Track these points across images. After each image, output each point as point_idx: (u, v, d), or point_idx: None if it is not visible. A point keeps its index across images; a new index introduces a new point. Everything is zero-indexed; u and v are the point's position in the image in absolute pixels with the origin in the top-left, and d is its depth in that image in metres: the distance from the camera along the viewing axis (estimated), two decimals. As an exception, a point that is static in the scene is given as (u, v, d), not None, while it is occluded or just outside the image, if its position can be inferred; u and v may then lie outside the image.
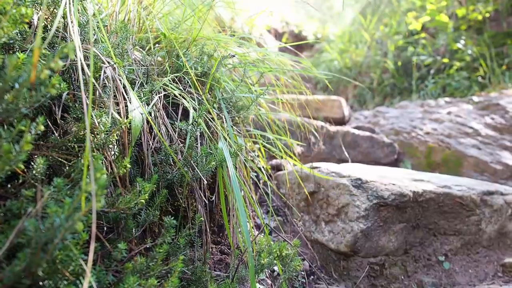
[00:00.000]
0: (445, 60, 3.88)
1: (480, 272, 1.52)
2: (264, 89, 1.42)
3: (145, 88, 1.00)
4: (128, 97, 0.89)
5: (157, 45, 1.28)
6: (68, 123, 0.81)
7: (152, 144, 1.01)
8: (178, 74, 1.18)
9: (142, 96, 1.00)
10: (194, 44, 1.32)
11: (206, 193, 1.12)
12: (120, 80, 0.90)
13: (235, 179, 0.92)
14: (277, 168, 1.94)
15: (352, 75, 5.04)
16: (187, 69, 1.20)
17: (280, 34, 9.73)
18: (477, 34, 4.12)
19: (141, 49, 1.24)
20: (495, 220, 1.60)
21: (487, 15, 4.01)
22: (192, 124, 0.94)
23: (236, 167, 1.15)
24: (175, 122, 1.15)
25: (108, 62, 0.85)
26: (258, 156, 1.83)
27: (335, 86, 5.22)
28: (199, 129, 1.00)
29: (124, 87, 0.87)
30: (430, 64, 4.06)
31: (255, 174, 1.78)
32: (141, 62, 1.13)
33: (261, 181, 1.79)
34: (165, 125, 1.06)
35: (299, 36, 9.87)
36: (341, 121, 4.10)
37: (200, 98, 1.20)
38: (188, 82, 1.16)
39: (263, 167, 1.84)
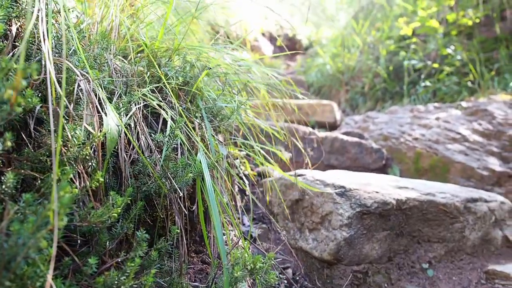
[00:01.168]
0: (436, 65, 3.90)
1: (464, 279, 1.53)
2: (246, 99, 1.43)
3: (124, 99, 1.00)
4: (104, 109, 0.89)
5: (139, 54, 1.28)
6: (42, 136, 0.81)
7: (131, 154, 1.01)
8: (159, 84, 1.18)
9: (121, 106, 1.00)
10: (177, 53, 1.32)
11: (186, 203, 1.12)
12: (96, 92, 0.90)
13: (212, 191, 0.92)
14: (264, 174, 1.94)
15: (345, 79, 5.05)
16: (168, 79, 1.21)
17: (274, 37, 9.76)
18: (467, 39, 4.14)
19: (123, 59, 1.24)
20: (478, 227, 1.61)
21: (477, 20, 4.04)
22: (169, 135, 0.94)
23: (217, 177, 1.15)
24: (156, 132, 1.15)
25: (83, 75, 0.85)
26: (244, 163, 1.83)
27: (328, 90, 5.24)
28: (178, 140, 1.01)
29: (100, 100, 0.87)
30: (421, 69, 4.09)
31: (242, 180, 1.78)
32: (122, 72, 1.13)
33: (247, 188, 1.80)
34: (144, 136, 1.06)
35: (293, 39, 9.90)
36: (333, 125, 4.11)
37: (181, 108, 1.20)
38: (169, 91, 1.16)
39: (248, 174, 1.84)
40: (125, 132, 0.94)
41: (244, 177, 1.83)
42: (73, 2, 1.38)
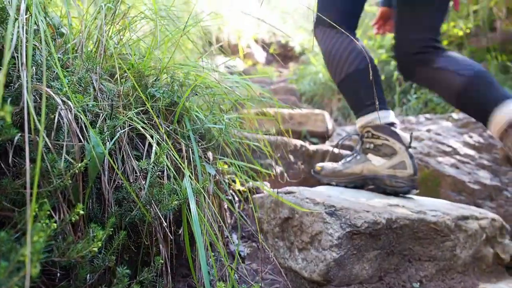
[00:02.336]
0: (427, 76, 3.92)
1: (455, 298, 1.52)
2: (235, 117, 1.41)
3: (109, 122, 0.98)
4: (87, 137, 0.87)
5: (127, 73, 1.26)
6: (21, 166, 0.79)
7: (115, 179, 0.98)
8: (145, 106, 1.16)
9: (106, 130, 0.98)
10: (165, 72, 1.30)
11: (172, 228, 1.10)
12: (78, 118, 0.88)
13: (196, 219, 0.90)
14: (254, 190, 1.92)
15: (337, 87, 5.06)
16: (155, 100, 1.19)
17: (267, 44, 9.77)
18: (458, 49, 4.16)
19: (110, 78, 1.22)
20: (469, 245, 1.60)
21: (468, 31, 4.07)
22: (153, 163, 0.92)
23: (203, 200, 1.13)
24: (142, 153, 1.13)
25: (65, 102, 0.82)
26: (233, 179, 1.81)
27: (320, 99, 5.24)
28: (164, 165, 0.98)
29: (82, 128, 0.85)
30: (412, 79, 4.10)
31: (231, 197, 1.76)
32: (107, 93, 1.11)
33: (236, 205, 1.77)
34: (129, 160, 1.03)
35: (286, 46, 9.93)
36: (325, 135, 4.10)
37: (168, 129, 1.18)
38: (154, 117, 1.14)
39: (238, 190, 1.82)
40: (110, 154, 0.91)
41: (234, 193, 1.81)
42: (57, 19, 1.36)
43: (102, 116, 1.03)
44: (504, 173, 2.27)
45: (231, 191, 1.78)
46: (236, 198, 1.78)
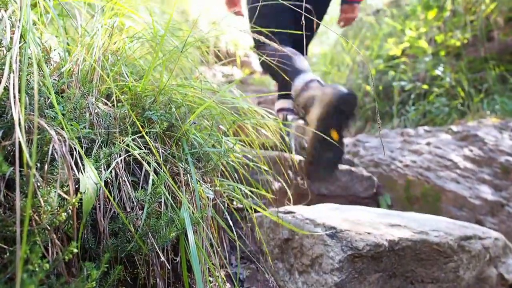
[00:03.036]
0: (425, 86, 3.91)
1: (459, 320, 1.49)
2: (234, 141, 1.39)
3: (105, 150, 0.96)
4: (81, 169, 0.84)
5: (124, 95, 1.24)
6: (13, 202, 0.76)
7: (111, 208, 0.95)
8: (142, 132, 1.14)
9: (102, 158, 0.95)
10: (162, 93, 1.27)
11: (170, 255, 1.07)
12: (73, 149, 0.85)
13: (194, 250, 0.87)
14: (255, 208, 1.89)
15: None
16: (152, 123, 1.16)
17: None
18: (456, 59, 4.17)
19: (106, 101, 1.19)
20: (473, 266, 1.57)
21: (465, 41, 4.07)
22: (151, 194, 0.90)
23: (201, 230, 1.10)
24: (139, 179, 1.10)
25: (58, 133, 0.80)
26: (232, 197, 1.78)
27: (318, 109, 5.22)
28: (161, 195, 0.96)
29: (76, 161, 0.82)
30: (411, 90, 4.09)
31: (229, 216, 1.73)
32: (104, 118, 1.08)
33: (235, 224, 1.74)
34: (126, 187, 1.01)
35: (283, 55, 9.91)
36: (323, 146, 4.07)
37: (166, 153, 1.15)
38: (150, 143, 1.11)
39: (237, 209, 1.79)
40: (106, 183, 0.89)
41: (232, 211, 1.78)
42: (55, 40, 1.34)
43: (98, 142, 1.01)
44: (505, 187, 2.25)
45: (230, 209, 1.75)
46: (235, 217, 1.75)
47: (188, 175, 1.14)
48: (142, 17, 1.52)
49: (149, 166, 1.02)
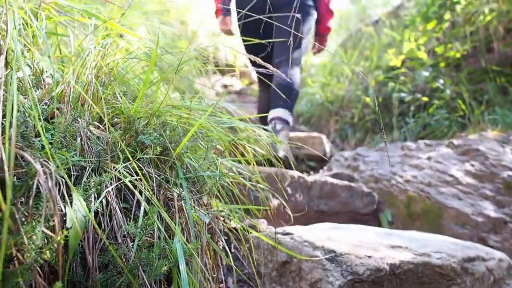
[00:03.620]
0: (425, 99, 3.89)
1: None
2: (232, 160, 1.36)
3: (95, 178, 0.92)
4: (67, 203, 0.81)
5: (116, 118, 1.21)
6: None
7: (101, 239, 0.92)
8: (136, 154, 1.11)
9: (92, 186, 0.92)
10: (157, 115, 1.24)
11: (163, 286, 1.03)
12: (60, 181, 0.82)
13: (186, 283, 0.84)
14: (253, 228, 1.85)
15: (334, 109, 5.02)
16: (145, 148, 1.13)
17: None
18: (456, 71, 4.15)
19: (99, 124, 1.16)
20: (476, 288, 1.53)
21: (465, 53, 4.05)
22: (141, 227, 0.86)
23: (195, 263, 1.07)
24: (131, 206, 1.07)
25: (44, 165, 0.77)
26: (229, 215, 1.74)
27: (317, 120, 5.20)
28: (154, 226, 0.92)
29: (63, 197, 0.79)
30: (410, 101, 4.07)
31: (226, 237, 1.70)
32: (95, 144, 1.05)
33: (232, 245, 1.71)
34: (116, 217, 0.97)
35: (282, 65, 9.92)
36: (323, 158, 4.05)
37: (159, 178, 1.12)
38: (139, 174, 1.08)
39: (234, 228, 1.75)
40: (96, 213, 0.85)
41: (229, 232, 1.74)
42: (47, 61, 1.31)
43: (88, 170, 0.98)
44: (508, 203, 2.21)
45: (226, 229, 1.71)
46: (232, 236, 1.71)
47: (183, 201, 1.11)
48: (136, 35, 1.50)
49: (142, 194, 0.99)
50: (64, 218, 0.80)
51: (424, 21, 4.05)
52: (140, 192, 0.99)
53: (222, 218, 1.55)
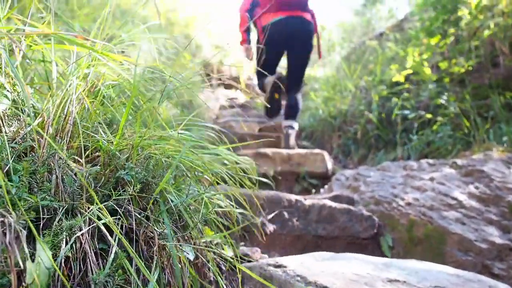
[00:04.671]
0: (429, 115, 3.82)
1: None
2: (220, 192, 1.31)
3: (65, 222, 0.87)
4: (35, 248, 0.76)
5: (97, 152, 1.16)
6: None
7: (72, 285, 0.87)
8: (115, 191, 1.06)
9: (64, 229, 0.87)
10: (141, 146, 1.20)
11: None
12: (25, 228, 0.77)
13: None
14: (247, 257, 1.79)
15: (337, 124, 4.97)
16: (125, 185, 1.08)
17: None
18: (460, 86, 4.08)
19: (78, 158, 1.11)
20: (479, 326, 1.45)
21: (470, 68, 3.98)
22: (109, 274, 0.81)
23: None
24: (109, 246, 1.02)
25: (4, 215, 0.72)
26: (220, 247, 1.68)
27: (320, 135, 5.14)
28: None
29: (30, 242, 0.74)
30: (414, 118, 4.00)
31: (218, 268, 1.63)
32: (69, 184, 1.00)
33: (224, 275, 1.64)
34: (90, 259, 0.92)
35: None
36: (324, 176, 3.99)
37: (140, 216, 1.07)
38: (128, 196, 1.03)
39: (225, 259, 1.69)
40: (59, 271, 0.80)
41: (219, 261, 1.68)
42: (29, 91, 1.27)
43: (62, 210, 0.93)
44: (513, 229, 2.13)
45: (218, 258, 1.65)
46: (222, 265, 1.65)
47: (164, 239, 1.05)
48: (126, 58, 1.46)
49: (121, 232, 0.93)
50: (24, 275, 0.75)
51: (428, 36, 4.00)
52: (121, 229, 0.94)
53: (212, 248, 1.49)
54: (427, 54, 4.16)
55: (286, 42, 3.72)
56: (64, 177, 1.01)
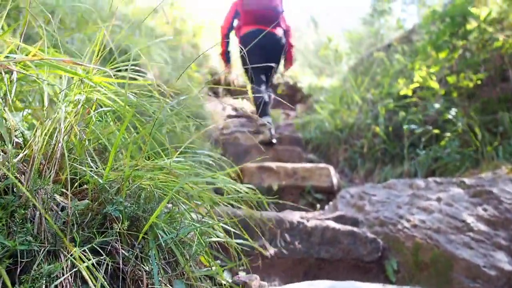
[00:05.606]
0: (436, 131, 3.74)
1: None
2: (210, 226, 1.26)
3: (45, 268, 0.83)
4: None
5: (85, 185, 1.12)
6: None
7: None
8: (102, 229, 1.01)
9: (43, 275, 0.83)
10: (133, 177, 1.15)
11: None
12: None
13: None
14: (245, 285, 1.74)
15: (344, 137, 4.90)
16: (112, 221, 1.04)
17: (275, 85, 9.74)
18: (469, 100, 4.00)
19: (66, 192, 1.07)
20: None
21: (479, 82, 3.91)
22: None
23: None
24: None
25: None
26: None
27: (326, 148, 5.07)
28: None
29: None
30: (422, 133, 3.93)
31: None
32: (50, 225, 0.96)
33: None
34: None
35: (294, 87, 9.88)
36: (330, 190, 3.93)
37: (127, 254, 1.02)
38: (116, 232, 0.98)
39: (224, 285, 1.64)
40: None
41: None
42: (19, 117, 1.24)
43: (43, 252, 0.88)
44: (523, 255, 2.06)
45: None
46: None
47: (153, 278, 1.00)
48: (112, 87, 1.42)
49: (104, 278, 0.89)
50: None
51: (436, 50, 3.93)
52: (108, 268, 0.89)
53: (207, 282, 1.44)
54: (434, 68, 4.09)
55: (258, 50, 4.16)
56: (49, 214, 0.97)
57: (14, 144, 1.14)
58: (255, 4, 4.42)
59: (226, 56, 4.90)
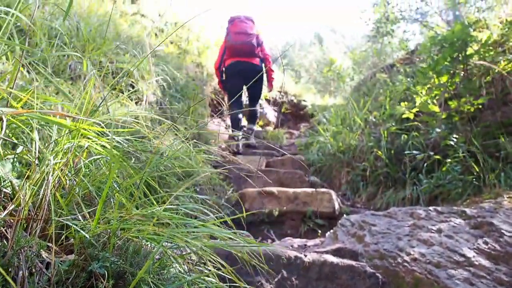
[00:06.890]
0: (437, 157, 3.72)
1: None
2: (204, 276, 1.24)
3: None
4: None
5: (71, 239, 1.11)
6: None
7: None
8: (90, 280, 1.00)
9: None
10: (122, 228, 1.15)
11: None
12: None
13: None
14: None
15: (346, 159, 4.88)
16: (98, 278, 1.03)
17: (279, 103, 9.76)
18: (470, 125, 3.98)
19: (55, 247, 1.07)
20: None
21: (480, 107, 3.90)
22: None
23: None
24: None
25: None
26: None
27: (328, 170, 5.05)
28: None
29: None
30: (423, 158, 3.90)
31: None
32: (42, 273, 0.95)
33: None
34: None
35: (298, 106, 9.91)
36: (331, 216, 3.90)
37: (113, 312, 1.01)
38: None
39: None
40: None
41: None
42: (8, 167, 1.24)
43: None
44: (525, 291, 2.01)
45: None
46: None
47: None
48: (104, 139, 1.42)
49: None
50: None
51: (436, 75, 3.93)
52: None
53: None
54: (436, 92, 4.09)
55: (238, 77, 5.54)
56: (34, 270, 0.96)
57: (2, 195, 1.14)
58: (234, 41, 5.50)
59: (222, 84, 6.09)
